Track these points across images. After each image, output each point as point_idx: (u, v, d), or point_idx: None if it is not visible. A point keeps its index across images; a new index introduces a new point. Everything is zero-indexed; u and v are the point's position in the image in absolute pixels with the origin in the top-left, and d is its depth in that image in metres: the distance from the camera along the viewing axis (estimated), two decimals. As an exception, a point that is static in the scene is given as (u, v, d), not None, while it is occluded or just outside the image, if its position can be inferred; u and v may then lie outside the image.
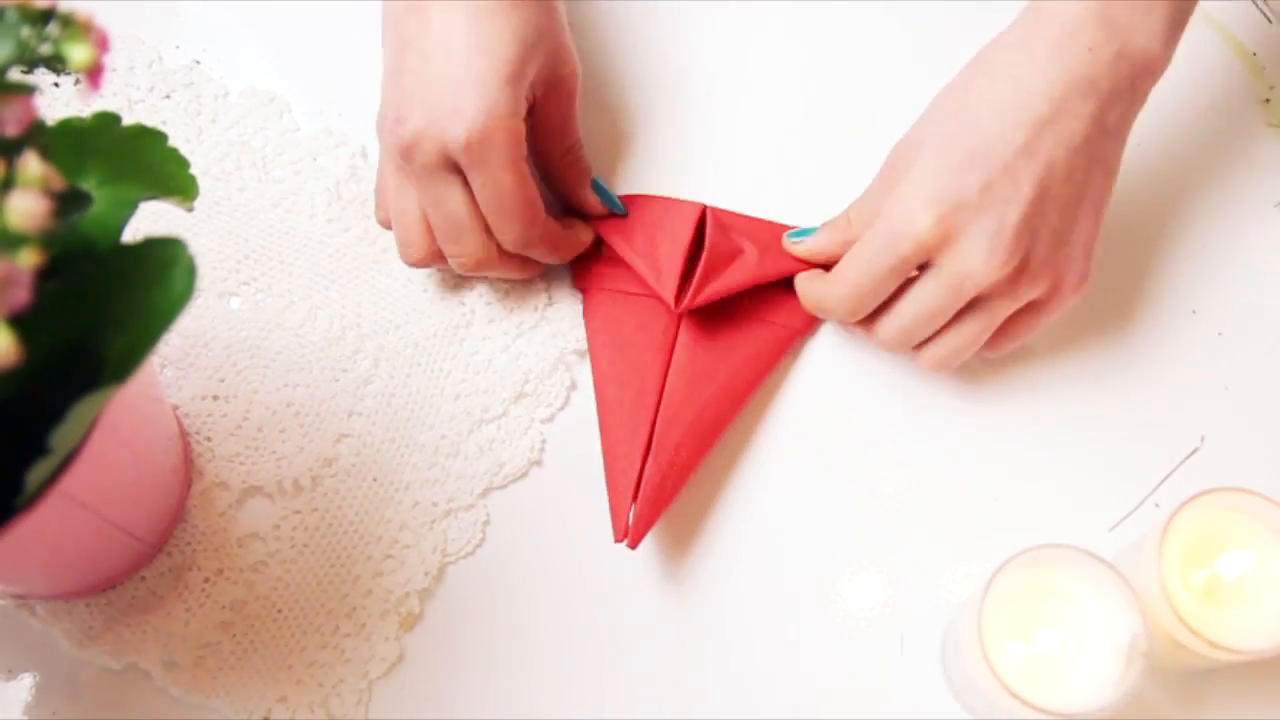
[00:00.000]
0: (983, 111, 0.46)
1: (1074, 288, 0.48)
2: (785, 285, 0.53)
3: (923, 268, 0.47)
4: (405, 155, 0.48)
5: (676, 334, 0.52)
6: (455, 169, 0.48)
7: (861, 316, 0.50)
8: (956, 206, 0.46)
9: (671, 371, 0.51)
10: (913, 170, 0.47)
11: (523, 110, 0.48)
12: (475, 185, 0.48)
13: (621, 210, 0.54)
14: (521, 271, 0.52)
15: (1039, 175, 0.46)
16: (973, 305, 0.47)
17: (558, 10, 0.51)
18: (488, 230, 0.49)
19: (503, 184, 0.48)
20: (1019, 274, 0.46)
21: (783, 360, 0.54)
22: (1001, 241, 0.45)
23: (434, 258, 0.51)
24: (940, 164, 0.46)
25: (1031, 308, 0.48)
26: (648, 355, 0.52)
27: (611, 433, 0.51)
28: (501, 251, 0.50)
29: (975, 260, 0.46)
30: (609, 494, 0.49)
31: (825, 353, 0.54)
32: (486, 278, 0.54)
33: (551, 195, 0.55)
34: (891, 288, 0.48)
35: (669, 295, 0.51)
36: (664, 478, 0.49)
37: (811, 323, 0.54)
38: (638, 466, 0.49)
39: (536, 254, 0.51)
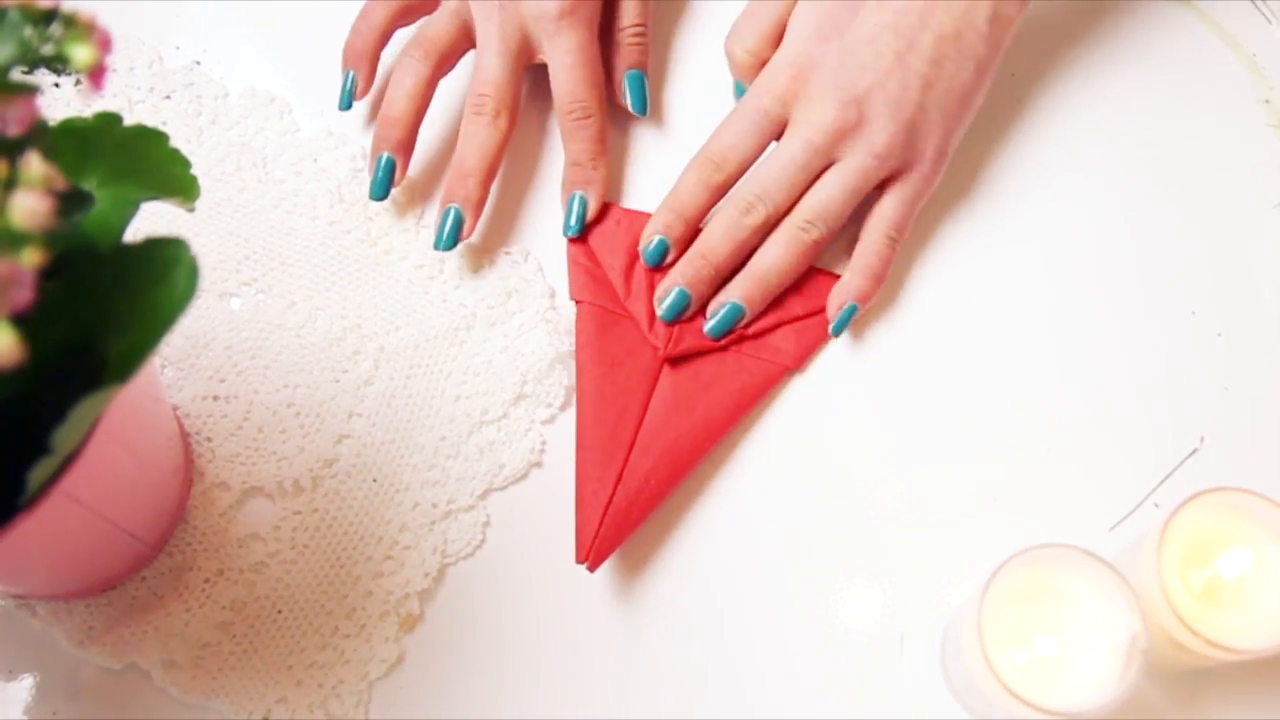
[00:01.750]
0: None
1: (931, 167, 0.53)
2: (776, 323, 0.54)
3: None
4: (502, 7, 0.52)
5: (663, 363, 0.52)
6: (529, 38, 0.53)
7: (729, 167, 0.52)
8: (814, 67, 0.51)
9: (653, 400, 0.51)
10: (785, 36, 0.53)
11: None
12: (558, 50, 0.52)
13: (641, 111, 0.56)
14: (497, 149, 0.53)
15: (899, 49, 0.51)
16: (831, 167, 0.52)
17: None
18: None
19: (587, 50, 0.53)
20: (861, 124, 0.50)
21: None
22: (850, 96, 0.50)
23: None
24: (809, 30, 0.52)
25: (891, 182, 0.52)
26: (633, 380, 0.52)
27: (587, 453, 0.50)
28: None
29: (822, 111, 0.50)
30: (577, 513, 0.49)
31: (823, 351, 0.54)
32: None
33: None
34: (752, 140, 0.52)
35: (658, 343, 0.52)
36: (631, 505, 0.49)
37: (800, 359, 0.53)
38: (609, 491, 0.49)
39: (583, 138, 0.53)
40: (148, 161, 0.40)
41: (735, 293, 0.52)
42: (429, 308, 0.54)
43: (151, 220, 0.54)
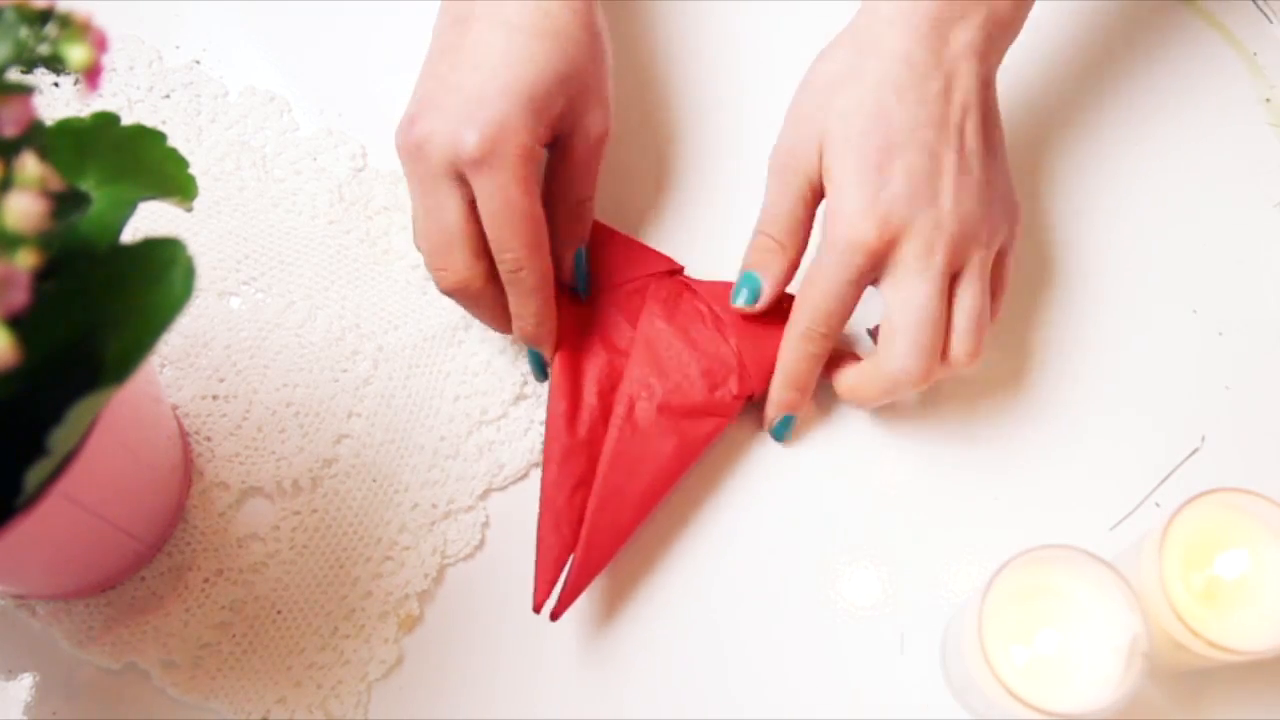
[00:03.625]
0: (884, 98, 0.48)
1: (1018, 220, 0.51)
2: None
3: (880, 280, 0.48)
4: (411, 155, 0.47)
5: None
6: (460, 180, 0.47)
7: (832, 336, 0.49)
8: (889, 204, 0.47)
9: (608, 456, 0.49)
10: (834, 176, 0.48)
11: (541, 136, 0.48)
12: (482, 194, 0.46)
13: (583, 292, 0.53)
14: (494, 312, 0.50)
15: (954, 142, 0.48)
16: (955, 279, 0.48)
17: (603, 61, 0.51)
18: (478, 253, 0.48)
19: (510, 195, 0.46)
20: (972, 223, 0.47)
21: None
22: (946, 212, 0.47)
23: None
24: (860, 166, 0.47)
25: (999, 255, 0.50)
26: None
27: (550, 507, 0.49)
28: (485, 284, 0.48)
29: (930, 237, 0.47)
30: (538, 563, 0.48)
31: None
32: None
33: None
34: (853, 299, 0.48)
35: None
36: (592, 546, 0.48)
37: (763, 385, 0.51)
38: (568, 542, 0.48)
39: (520, 294, 0.49)
40: (145, 161, 0.40)
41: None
42: (427, 307, 0.54)
43: (151, 219, 0.54)
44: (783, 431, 0.52)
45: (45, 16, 0.32)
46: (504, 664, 0.49)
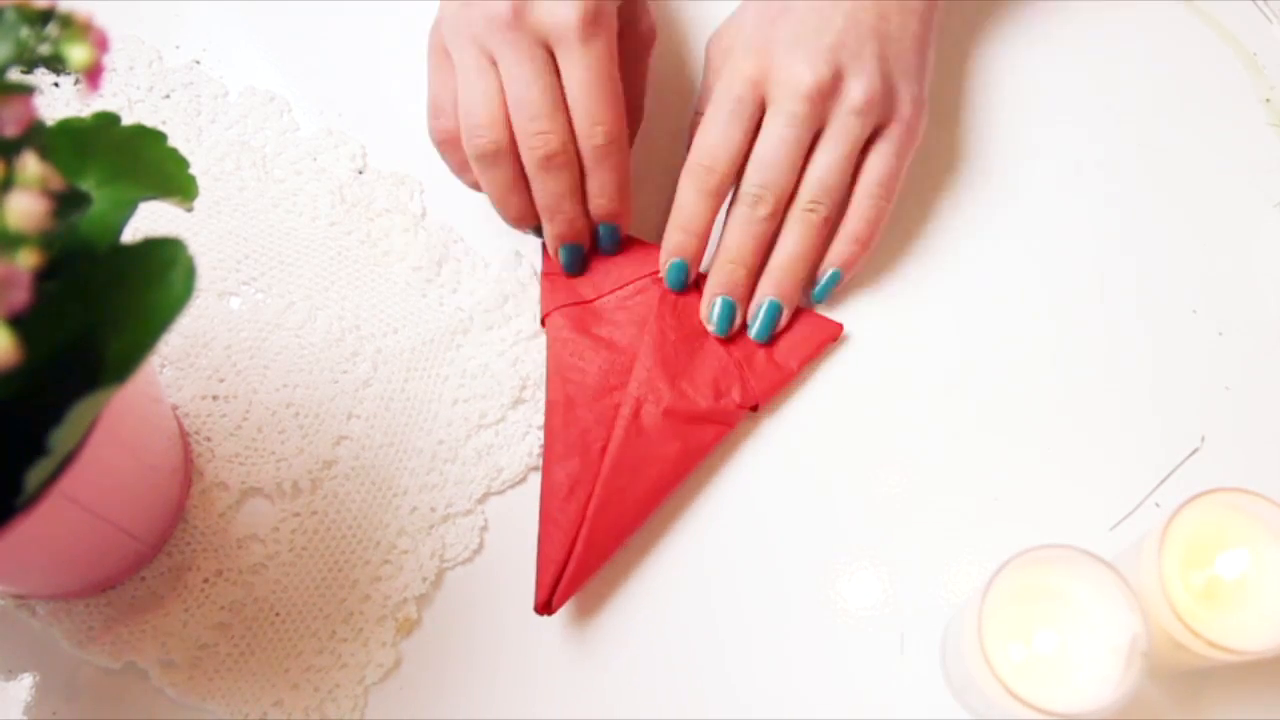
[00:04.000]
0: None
1: (912, 116, 0.53)
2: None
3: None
4: (506, 25, 0.48)
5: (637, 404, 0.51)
6: (550, 53, 0.48)
7: (718, 172, 0.51)
8: (771, 41, 0.51)
9: (618, 433, 0.50)
10: (732, 34, 0.53)
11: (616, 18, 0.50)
12: (577, 67, 0.48)
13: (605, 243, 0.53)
14: (571, 187, 0.50)
15: (846, 9, 0.51)
16: (820, 136, 0.51)
17: None
18: (570, 121, 0.49)
19: (607, 66, 0.48)
20: (837, 81, 0.50)
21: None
22: (819, 50, 0.50)
23: (509, 151, 0.49)
24: (754, 21, 0.52)
25: (875, 138, 0.52)
26: (601, 412, 0.51)
27: (551, 501, 0.49)
28: (575, 153, 0.49)
29: (798, 70, 0.50)
30: (539, 562, 0.49)
31: (821, 356, 0.54)
32: (520, 225, 0.53)
33: None
34: (736, 131, 0.51)
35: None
36: (591, 546, 0.48)
37: (765, 397, 0.52)
38: (570, 536, 0.49)
39: (608, 168, 0.50)
40: (146, 161, 0.40)
41: (768, 291, 0.52)
42: (426, 310, 0.54)
43: (151, 219, 0.54)
44: (676, 277, 0.52)
45: (46, 16, 0.32)
46: (502, 668, 0.49)
